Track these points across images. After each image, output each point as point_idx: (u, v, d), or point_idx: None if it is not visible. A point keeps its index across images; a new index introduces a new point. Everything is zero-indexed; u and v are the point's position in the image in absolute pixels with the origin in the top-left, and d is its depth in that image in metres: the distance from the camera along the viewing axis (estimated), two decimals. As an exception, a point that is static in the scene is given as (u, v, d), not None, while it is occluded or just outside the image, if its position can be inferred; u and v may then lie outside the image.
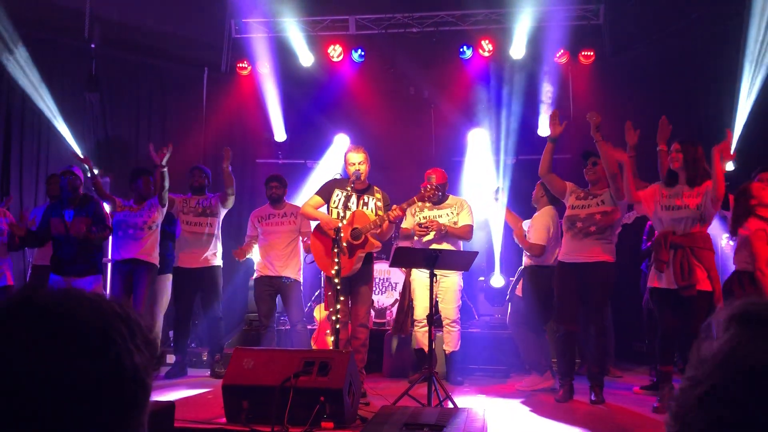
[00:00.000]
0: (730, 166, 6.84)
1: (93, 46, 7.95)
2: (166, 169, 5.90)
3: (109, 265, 7.09)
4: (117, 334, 0.76)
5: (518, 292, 5.94)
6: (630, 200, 4.87)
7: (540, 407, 4.81)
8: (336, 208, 5.20)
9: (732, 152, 5.32)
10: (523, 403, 5.01)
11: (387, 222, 5.01)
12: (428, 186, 5.07)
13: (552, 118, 5.14)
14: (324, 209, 5.31)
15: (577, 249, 5.04)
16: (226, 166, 6.24)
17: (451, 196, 6.07)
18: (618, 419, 4.46)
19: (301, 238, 6.31)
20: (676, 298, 4.56)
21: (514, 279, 6.18)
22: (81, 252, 5.83)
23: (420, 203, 5.61)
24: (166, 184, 5.95)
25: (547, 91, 8.53)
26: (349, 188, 5.05)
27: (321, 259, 5.23)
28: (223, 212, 6.50)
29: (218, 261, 6.44)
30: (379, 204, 5.25)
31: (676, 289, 4.52)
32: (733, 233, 4.95)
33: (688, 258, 4.49)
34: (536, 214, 5.78)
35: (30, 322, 0.73)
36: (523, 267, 5.90)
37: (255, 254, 6.48)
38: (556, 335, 5.30)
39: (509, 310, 6.12)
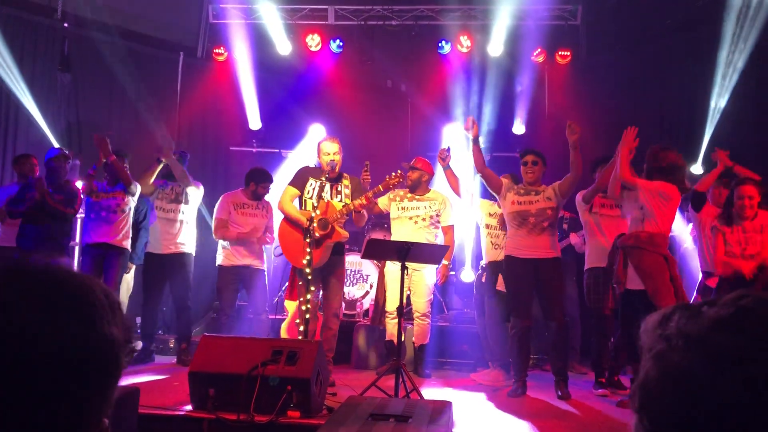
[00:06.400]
0: (698, 170, 6.97)
1: (66, 25, 7.78)
2: (115, 159, 5.84)
3: (77, 248, 6.98)
4: (98, 302, 0.79)
5: (499, 287, 5.81)
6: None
7: (506, 402, 4.84)
8: (310, 198, 5.17)
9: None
10: (489, 397, 5.04)
11: (353, 211, 5.03)
12: (393, 173, 5.09)
13: (469, 123, 5.27)
14: (297, 200, 5.29)
15: (533, 244, 5.13)
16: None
17: (432, 190, 6.08)
18: (581, 414, 4.52)
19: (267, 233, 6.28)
20: (623, 296, 4.72)
21: (486, 275, 5.99)
22: (48, 233, 5.76)
23: (402, 192, 5.69)
24: (127, 173, 5.89)
25: (523, 89, 8.58)
26: (323, 178, 5.04)
27: (290, 251, 5.19)
28: (198, 197, 6.41)
29: (190, 248, 6.35)
30: (347, 192, 5.26)
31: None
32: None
33: (622, 258, 4.62)
34: None
35: (21, 285, 0.76)
36: (488, 262, 5.87)
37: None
38: (512, 331, 5.20)
39: (488, 307, 5.90)
